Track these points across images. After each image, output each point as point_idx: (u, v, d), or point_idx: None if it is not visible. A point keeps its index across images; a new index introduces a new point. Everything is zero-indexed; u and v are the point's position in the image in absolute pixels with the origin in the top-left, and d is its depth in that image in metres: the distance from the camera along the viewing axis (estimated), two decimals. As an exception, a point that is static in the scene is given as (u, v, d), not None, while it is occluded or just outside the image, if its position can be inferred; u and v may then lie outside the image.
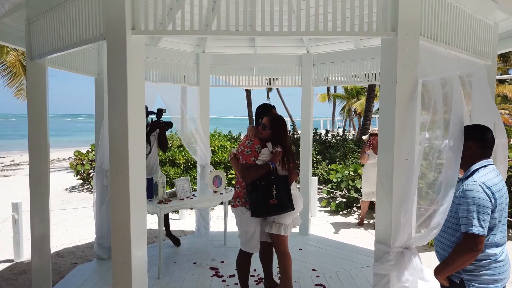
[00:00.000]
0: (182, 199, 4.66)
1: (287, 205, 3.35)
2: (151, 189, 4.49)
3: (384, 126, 2.38)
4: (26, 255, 5.31)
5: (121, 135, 2.36)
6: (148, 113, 4.98)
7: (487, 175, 2.29)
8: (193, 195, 4.87)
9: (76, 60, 4.18)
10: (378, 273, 2.38)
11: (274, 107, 3.87)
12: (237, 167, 3.47)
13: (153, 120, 5.06)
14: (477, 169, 2.34)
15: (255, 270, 4.43)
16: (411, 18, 2.30)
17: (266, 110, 3.76)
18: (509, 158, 6.53)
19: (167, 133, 5.68)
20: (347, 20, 2.41)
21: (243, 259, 3.61)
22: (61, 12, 2.89)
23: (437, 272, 2.33)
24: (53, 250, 5.23)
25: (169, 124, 5.14)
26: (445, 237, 2.37)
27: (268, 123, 3.45)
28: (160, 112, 5.10)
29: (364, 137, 7.24)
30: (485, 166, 2.36)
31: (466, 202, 2.20)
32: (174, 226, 6.92)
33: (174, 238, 5.33)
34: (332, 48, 5.49)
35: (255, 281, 4.16)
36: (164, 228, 4.92)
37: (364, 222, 7.07)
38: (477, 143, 2.39)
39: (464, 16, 2.89)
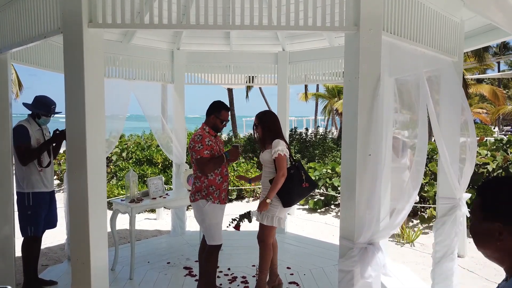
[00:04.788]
0: (155, 198, 4.59)
1: (315, 184, 3.68)
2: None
3: (347, 122, 2.37)
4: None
5: (78, 133, 2.29)
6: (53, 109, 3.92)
7: None
8: (167, 194, 4.80)
9: (42, 55, 4.07)
10: (343, 269, 2.37)
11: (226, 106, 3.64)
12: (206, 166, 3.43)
13: (58, 131, 3.87)
14: None
15: (229, 269, 4.41)
16: (373, 13, 2.29)
17: (215, 107, 3.56)
18: (480, 155, 6.67)
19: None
20: (312, 15, 2.40)
21: (214, 254, 3.53)
22: (20, 5, 2.79)
23: None
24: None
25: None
26: None
27: (257, 120, 3.60)
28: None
29: None
30: None
31: None
32: (151, 226, 6.82)
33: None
34: (307, 46, 5.50)
35: (228, 280, 4.13)
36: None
37: None
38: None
39: (429, 12, 2.91)
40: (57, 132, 3.82)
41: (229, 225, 3.51)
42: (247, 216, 3.43)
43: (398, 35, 2.56)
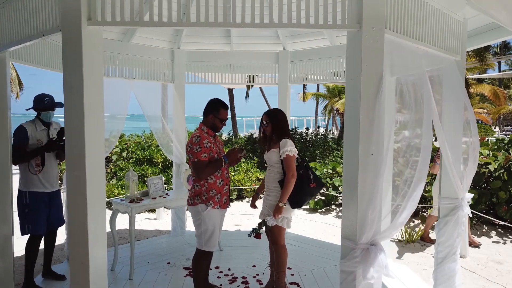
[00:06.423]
0: (155, 198, 4.56)
1: (322, 184, 3.63)
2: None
3: (349, 121, 2.34)
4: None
5: (77, 132, 2.26)
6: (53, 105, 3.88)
7: None
8: (167, 194, 4.78)
9: (41, 54, 4.04)
10: (345, 270, 2.34)
11: (225, 104, 3.57)
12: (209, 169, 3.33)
13: (54, 138, 3.79)
14: None
15: (229, 269, 4.39)
16: (376, 10, 2.26)
17: (214, 105, 3.46)
18: (482, 155, 6.64)
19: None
20: (313, 13, 2.37)
21: (203, 259, 3.45)
22: (18, 3, 2.77)
23: None
24: (23, 252, 5.06)
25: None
26: None
27: (267, 117, 3.53)
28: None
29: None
30: None
31: None
32: (150, 226, 6.80)
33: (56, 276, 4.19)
34: (308, 45, 5.46)
35: (229, 280, 4.11)
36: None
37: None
38: None
39: (432, 10, 2.88)
40: (53, 139, 3.76)
41: (250, 235, 3.45)
42: (264, 224, 3.41)
43: (400, 33, 2.53)
